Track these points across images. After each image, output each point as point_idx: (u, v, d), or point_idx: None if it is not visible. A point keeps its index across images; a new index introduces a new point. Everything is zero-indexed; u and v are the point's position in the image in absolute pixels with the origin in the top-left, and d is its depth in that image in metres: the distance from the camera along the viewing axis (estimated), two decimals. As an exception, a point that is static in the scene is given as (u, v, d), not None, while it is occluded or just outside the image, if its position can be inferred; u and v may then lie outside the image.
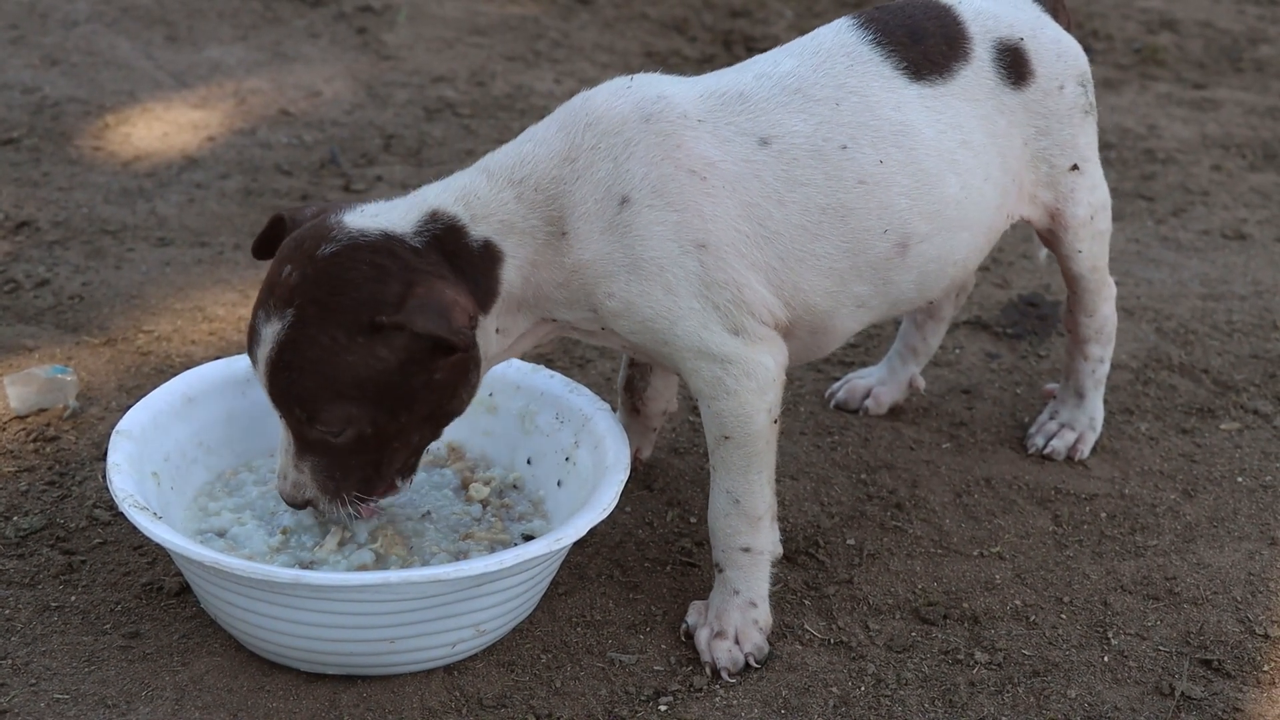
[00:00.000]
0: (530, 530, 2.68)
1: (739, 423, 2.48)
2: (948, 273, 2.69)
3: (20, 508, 2.83)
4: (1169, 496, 3.01)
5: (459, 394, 2.44)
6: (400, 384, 2.35)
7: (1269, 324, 3.67)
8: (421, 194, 2.48)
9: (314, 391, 2.34)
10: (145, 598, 2.62)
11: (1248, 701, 2.48)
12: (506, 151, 2.51)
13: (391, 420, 2.38)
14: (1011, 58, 2.74)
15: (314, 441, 2.41)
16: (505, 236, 2.43)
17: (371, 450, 2.42)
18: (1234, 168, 4.63)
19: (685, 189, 2.43)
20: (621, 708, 2.42)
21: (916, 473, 3.06)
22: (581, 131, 2.47)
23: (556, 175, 2.45)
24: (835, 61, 2.61)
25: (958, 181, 2.63)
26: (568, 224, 2.43)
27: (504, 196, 2.44)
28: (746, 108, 2.53)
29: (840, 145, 2.54)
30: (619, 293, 2.43)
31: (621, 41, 5.51)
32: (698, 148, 2.46)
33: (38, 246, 3.81)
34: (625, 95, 2.51)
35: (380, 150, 4.49)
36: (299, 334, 2.33)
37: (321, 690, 2.42)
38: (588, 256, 2.43)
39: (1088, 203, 2.89)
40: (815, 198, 2.51)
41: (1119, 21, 5.85)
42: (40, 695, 2.39)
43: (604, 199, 2.43)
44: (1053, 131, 2.80)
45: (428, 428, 2.46)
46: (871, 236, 2.56)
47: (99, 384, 3.23)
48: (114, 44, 5.13)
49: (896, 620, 2.65)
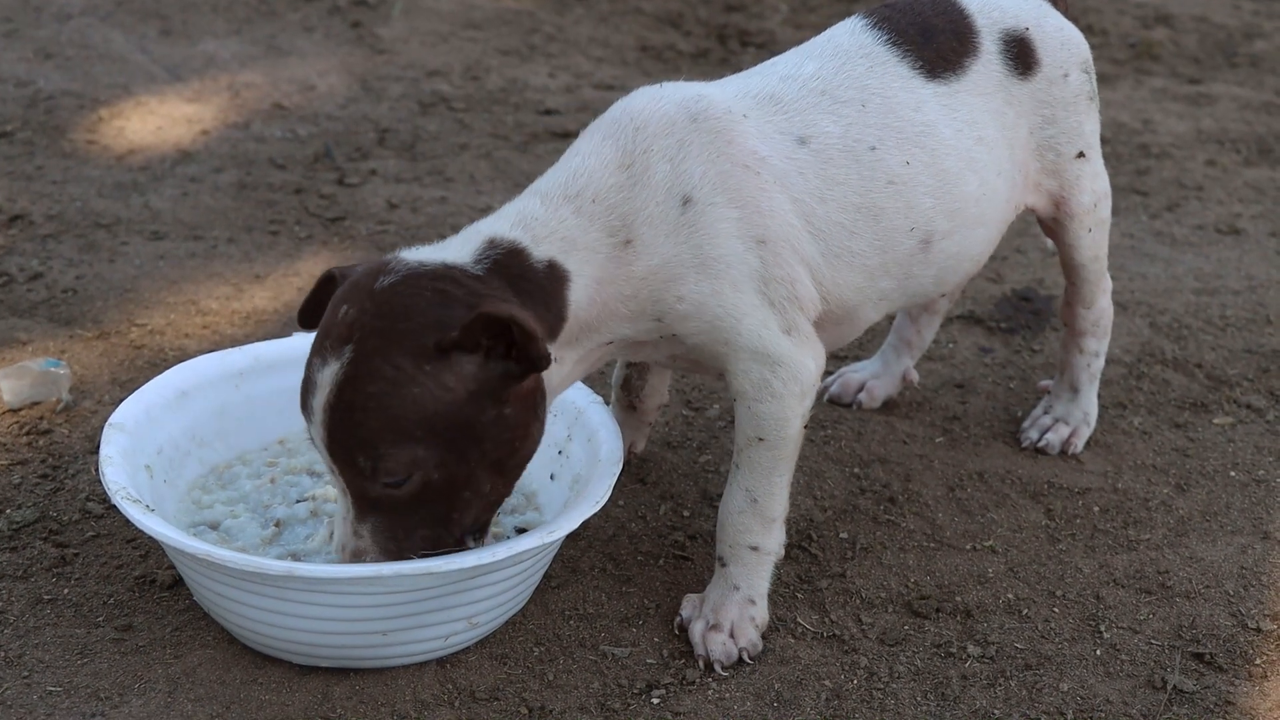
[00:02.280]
0: (523, 523, 2.68)
1: (776, 426, 2.47)
2: (964, 267, 2.73)
3: (13, 501, 2.83)
4: (1162, 491, 3.01)
5: (530, 431, 2.32)
6: (470, 419, 2.23)
7: (1262, 319, 3.67)
8: (474, 227, 2.40)
9: (377, 432, 2.20)
10: (138, 590, 2.62)
11: (1239, 695, 2.49)
12: (555, 171, 2.45)
13: (461, 463, 2.25)
14: (1018, 48, 2.76)
15: (376, 499, 2.26)
16: (569, 254, 2.36)
17: (440, 502, 2.28)
18: (1229, 163, 4.63)
19: (743, 184, 2.43)
20: (614, 700, 2.42)
21: (910, 466, 3.06)
22: (631, 137, 2.43)
23: (614, 184, 2.40)
24: (855, 63, 2.62)
25: (976, 179, 2.66)
26: (632, 231, 2.39)
27: (562, 214, 2.38)
28: (780, 108, 2.54)
29: (870, 146, 2.56)
30: (689, 294, 2.41)
31: (616, 36, 5.51)
32: (748, 143, 2.46)
33: (31, 240, 3.81)
34: (665, 97, 2.48)
35: (374, 144, 4.48)
36: (360, 369, 2.20)
37: (314, 683, 2.42)
38: (656, 261, 2.40)
39: (1091, 190, 2.91)
40: (850, 197, 2.53)
41: (1114, 16, 5.86)
42: (33, 687, 2.39)
43: (665, 201, 2.40)
44: (1059, 120, 2.82)
45: (499, 476, 2.32)
46: (899, 235, 2.58)
47: (92, 377, 3.23)
48: (108, 37, 5.13)
49: (889, 613, 2.65)
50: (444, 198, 4.14)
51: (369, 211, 4.05)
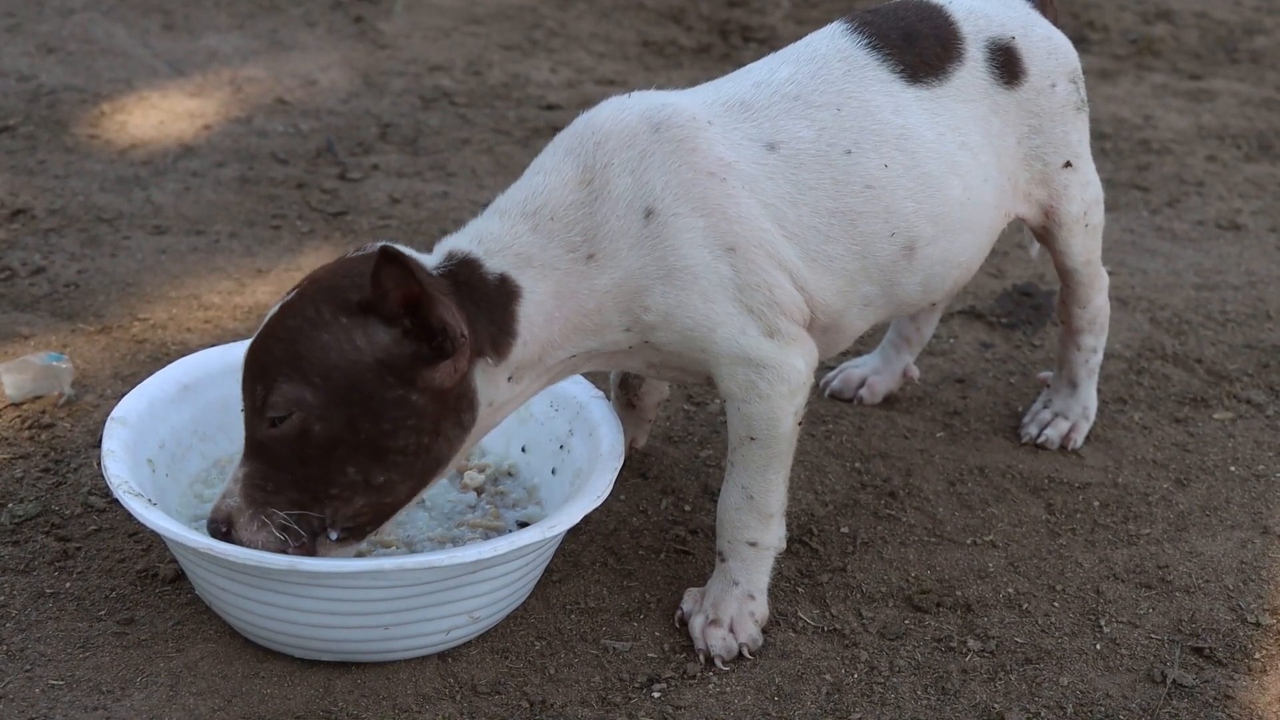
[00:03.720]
0: (525, 517, 2.69)
1: (767, 425, 2.48)
2: (952, 275, 2.71)
3: (15, 495, 2.83)
4: (1162, 485, 3.01)
5: (441, 430, 2.32)
6: (370, 388, 2.26)
7: (1262, 314, 3.67)
8: (441, 243, 2.44)
9: (278, 362, 2.27)
10: (140, 584, 2.62)
11: (1239, 689, 2.49)
12: (517, 188, 2.46)
13: (347, 428, 2.26)
14: (1004, 57, 2.74)
15: (260, 442, 2.30)
16: (523, 270, 2.38)
17: (316, 463, 2.28)
18: (1229, 158, 4.63)
19: (708, 192, 2.42)
20: (615, 694, 2.43)
21: (910, 461, 3.06)
22: (592, 151, 2.43)
23: (573, 200, 2.41)
24: (832, 67, 2.60)
25: (960, 183, 2.64)
26: (594, 245, 2.39)
27: (518, 230, 2.40)
28: (749, 114, 2.52)
29: (845, 150, 2.54)
30: (656, 306, 2.41)
31: (618, 31, 5.51)
32: (713, 150, 2.45)
33: (34, 234, 3.81)
34: (629, 109, 2.47)
35: (376, 139, 4.49)
36: (288, 307, 2.31)
37: (316, 677, 2.42)
38: (620, 274, 2.40)
39: (1081, 199, 2.89)
40: (824, 202, 2.51)
41: (1115, 12, 5.86)
42: (35, 681, 2.40)
43: (627, 214, 2.40)
44: (1045, 130, 2.80)
45: (394, 471, 2.30)
46: (879, 240, 2.56)
47: (94, 371, 3.24)
48: (110, 32, 5.13)
49: (889, 608, 2.65)
50: (445, 193, 4.14)
51: (371, 206, 4.05)
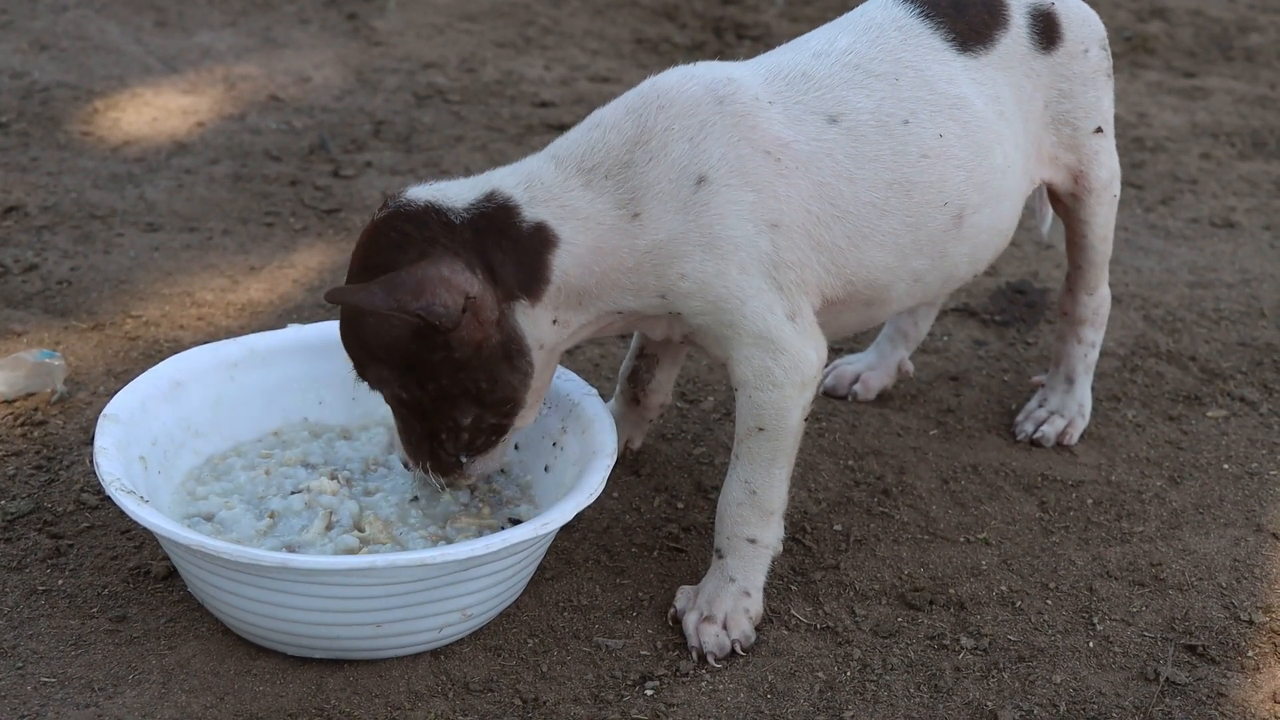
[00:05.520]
0: (517, 515, 2.68)
1: (776, 416, 2.48)
2: (995, 242, 2.75)
3: (8, 492, 2.83)
4: (1155, 483, 3.01)
5: (497, 377, 2.42)
6: (418, 355, 2.37)
7: (1256, 312, 3.68)
8: (489, 175, 2.49)
9: (353, 346, 2.45)
10: (132, 581, 2.62)
11: (1231, 687, 2.49)
12: (574, 138, 2.50)
13: (423, 391, 2.42)
14: (1044, 22, 2.80)
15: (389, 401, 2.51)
16: (564, 222, 2.42)
17: (422, 419, 2.47)
18: (1223, 156, 4.64)
19: (761, 170, 2.45)
20: (608, 692, 2.43)
21: (904, 459, 3.06)
22: (654, 114, 2.46)
23: (628, 160, 2.44)
24: (889, 36, 2.65)
25: (1000, 151, 2.69)
26: (640, 205, 2.42)
27: (571, 184, 2.43)
28: (811, 86, 2.56)
29: (903, 120, 2.57)
30: (693, 272, 2.43)
31: (612, 28, 5.51)
32: (772, 129, 2.48)
33: (26, 231, 3.80)
34: (695, 78, 2.51)
35: (370, 136, 4.48)
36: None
37: (308, 674, 2.42)
38: (662, 236, 2.42)
39: (1109, 166, 2.95)
40: (883, 174, 2.55)
41: (1109, 9, 5.86)
42: (27, 678, 2.39)
43: (679, 179, 2.42)
44: (1077, 95, 2.85)
45: (481, 407, 2.45)
46: (932, 209, 2.59)
47: (87, 368, 3.23)
48: (103, 29, 5.12)
49: (883, 606, 2.65)
50: (439, 190, 4.14)
51: (364, 203, 4.05)
